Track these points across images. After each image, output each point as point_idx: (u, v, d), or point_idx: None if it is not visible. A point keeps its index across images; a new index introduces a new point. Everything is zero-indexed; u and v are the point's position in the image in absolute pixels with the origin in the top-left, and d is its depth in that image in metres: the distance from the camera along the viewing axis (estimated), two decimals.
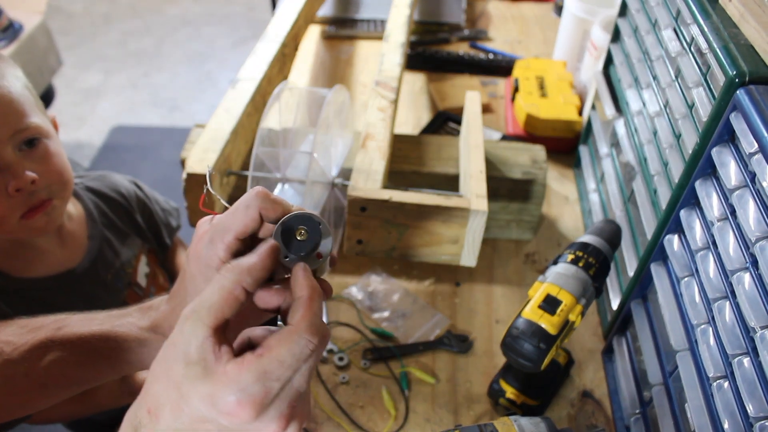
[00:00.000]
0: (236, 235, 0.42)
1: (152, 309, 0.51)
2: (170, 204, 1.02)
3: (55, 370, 0.50)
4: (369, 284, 0.91)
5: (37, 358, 0.50)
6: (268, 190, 0.43)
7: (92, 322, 0.52)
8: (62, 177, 0.75)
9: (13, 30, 2.09)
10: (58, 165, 0.74)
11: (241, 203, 0.42)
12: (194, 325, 0.36)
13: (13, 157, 0.69)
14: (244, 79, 0.91)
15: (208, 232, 0.44)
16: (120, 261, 0.88)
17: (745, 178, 0.51)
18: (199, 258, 0.44)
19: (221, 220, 0.43)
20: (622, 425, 0.73)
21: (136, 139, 2.63)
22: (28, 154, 0.71)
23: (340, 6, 1.54)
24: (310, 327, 0.37)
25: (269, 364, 0.35)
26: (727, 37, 0.59)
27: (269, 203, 0.42)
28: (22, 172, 0.69)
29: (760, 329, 0.47)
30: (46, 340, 0.51)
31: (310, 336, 0.37)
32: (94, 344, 0.50)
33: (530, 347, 0.62)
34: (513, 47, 1.47)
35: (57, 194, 0.75)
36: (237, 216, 0.42)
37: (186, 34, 3.36)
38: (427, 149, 0.95)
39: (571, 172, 1.12)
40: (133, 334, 0.50)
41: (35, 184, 0.70)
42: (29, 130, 0.70)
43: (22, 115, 0.69)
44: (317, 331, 0.37)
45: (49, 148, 0.73)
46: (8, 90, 0.68)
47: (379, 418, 0.76)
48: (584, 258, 0.68)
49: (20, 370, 0.50)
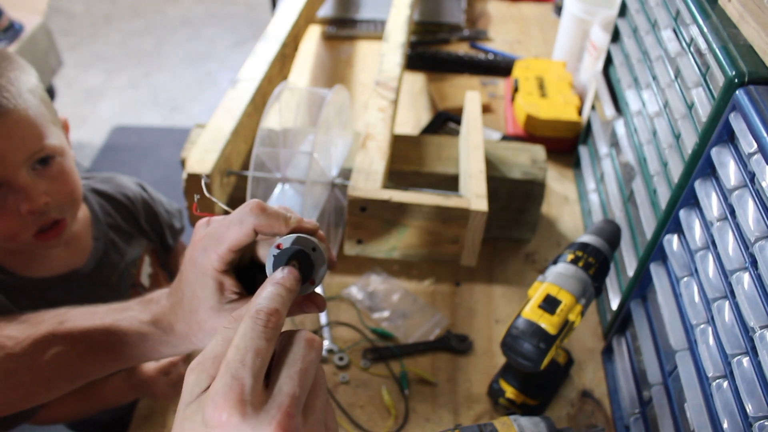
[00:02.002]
0: (229, 248, 0.42)
1: (153, 302, 0.51)
2: (173, 205, 1.02)
3: (57, 364, 0.50)
4: (369, 284, 0.91)
5: (39, 352, 0.50)
6: (264, 204, 0.42)
7: (94, 315, 0.52)
8: (73, 195, 0.75)
9: (13, 30, 2.09)
10: (71, 184, 0.74)
11: (236, 217, 0.42)
12: (199, 377, 0.35)
13: (27, 179, 0.68)
14: (244, 79, 0.91)
15: (203, 240, 0.44)
16: (125, 262, 0.88)
17: (744, 178, 0.51)
18: (195, 264, 0.44)
19: (216, 230, 0.43)
20: (622, 425, 0.73)
21: (136, 139, 2.63)
22: (41, 173, 0.70)
23: (340, 6, 1.54)
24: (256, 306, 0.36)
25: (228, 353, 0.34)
26: (726, 37, 0.59)
27: (264, 219, 0.41)
28: (36, 194, 0.68)
29: (760, 329, 0.47)
30: (48, 334, 0.51)
31: (256, 316, 0.35)
32: (97, 338, 0.50)
33: (530, 347, 0.62)
34: (513, 47, 1.47)
35: (67, 212, 0.75)
36: (231, 230, 0.42)
37: (186, 34, 3.36)
38: (427, 149, 0.95)
39: (571, 172, 1.12)
40: (135, 328, 0.50)
41: (47, 205, 0.70)
42: (44, 150, 0.69)
43: (39, 138, 0.68)
44: (263, 310, 0.35)
45: (63, 166, 0.72)
46: (26, 111, 0.67)
47: (379, 418, 0.76)
48: (584, 258, 0.68)
49: (23, 364, 0.50)
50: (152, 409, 0.78)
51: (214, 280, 0.44)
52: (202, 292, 0.44)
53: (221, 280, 0.44)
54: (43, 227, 0.72)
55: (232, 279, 0.44)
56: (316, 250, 0.42)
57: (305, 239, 0.42)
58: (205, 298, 0.44)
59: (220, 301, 0.44)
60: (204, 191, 0.50)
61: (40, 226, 0.72)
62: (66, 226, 0.75)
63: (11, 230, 0.70)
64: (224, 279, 0.44)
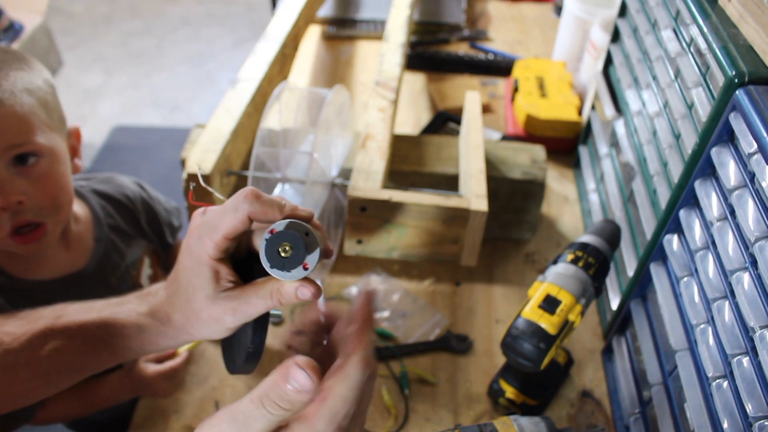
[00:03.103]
0: (224, 236, 0.42)
1: (151, 295, 0.51)
2: (171, 204, 1.02)
3: (55, 359, 0.50)
4: (369, 284, 0.91)
5: (37, 347, 0.50)
6: (258, 191, 0.42)
7: (91, 310, 0.52)
8: (55, 201, 0.72)
9: (13, 30, 2.10)
10: (53, 188, 0.72)
11: (230, 205, 0.42)
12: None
13: (3, 174, 0.67)
14: (244, 79, 0.91)
15: (198, 228, 0.44)
16: (125, 263, 0.88)
17: (744, 178, 0.51)
18: (191, 252, 0.44)
19: (211, 218, 0.43)
20: (622, 425, 0.73)
21: (136, 139, 2.63)
22: (22, 171, 0.69)
23: (340, 6, 1.54)
24: (363, 359, 0.39)
25: (335, 405, 0.37)
26: (726, 37, 0.59)
27: (258, 206, 0.41)
28: (9, 190, 0.67)
29: (760, 329, 0.47)
30: (45, 329, 0.51)
31: (364, 368, 0.38)
32: (94, 331, 0.50)
33: (530, 347, 0.62)
34: (513, 47, 1.47)
35: (48, 216, 0.72)
36: (225, 217, 0.42)
37: (186, 34, 3.36)
38: (427, 149, 0.95)
39: (571, 172, 1.12)
40: (132, 320, 0.50)
41: (22, 204, 0.68)
42: (25, 146, 0.68)
43: (24, 133, 0.67)
44: (369, 363, 0.39)
45: (49, 169, 0.71)
46: (12, 107, 0.66)
47: (379, 417, 0.76)
48: (584, 258, 0.68)
49: (21, 359, 0.50)
50: (152, 409, 0.78)
51: (210, 268, 0.44)
52: (198, 280, 0.44)
53: (217, 268, 0.44)
54: (18, 228, 0.70)
55: (227, 267, 0.44)
56: (309, 234, 0.42)
57: (298, 224, 0.42)
58: (201, 287, 0.44)
59: (215, 290, 0.44)
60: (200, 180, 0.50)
61: (14, 226, 0.70)
62: (46, 232, 0.73)
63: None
64: (220, 267, 0.44)
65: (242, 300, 0.43)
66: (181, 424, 0.75)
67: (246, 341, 0.46)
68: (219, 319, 0.44)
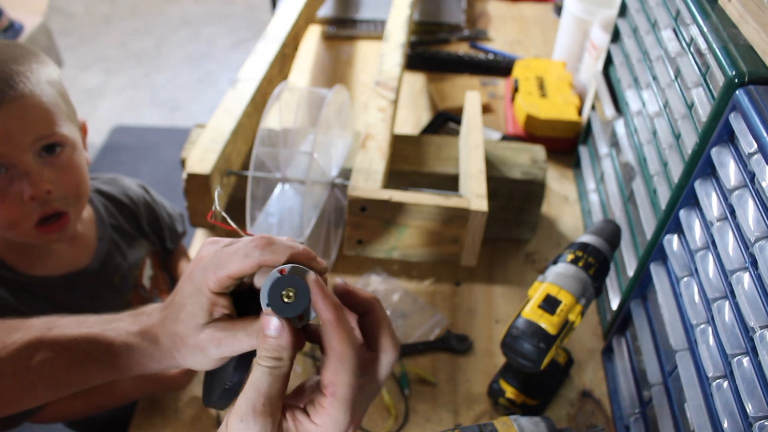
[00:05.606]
0: (229, 275, 0.43)
1: (144, 315, 0.51)
2: (176, 210, 1.02)
3: (43, 371, 0.50)
4: (369, 284, 0.91)
5: (26, 358, 0.50)
6: (272, 238, 0.43)
7: (83, 324, 0.51)
8: (79, 190, 0.75)
9: (13, 30, 2.10)
10: (77, 177, 0.74)
11: (242, 249, 0.43)
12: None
13: (32, 165, 0.69)
14: (244, 79, 0.91)
15: (205, 260, 0.44)
16: (127, 263, 0.88)
17: (744, 178, 0.51)
18: (192, 280, 0.45)
19: (220, 255, 0.44)
20: (622, 425, 0.73)
21: (136, 139, 2.63)
22: (48, 161, 0.71)
23: (340, 6, 1.54)
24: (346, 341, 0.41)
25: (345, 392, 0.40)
26: (726, 37, 0.59)
27: (269, 255, 0.42)
28: (39, 180, 0.69)
29: (760, 329, 0.47)
30: (35, 340, 0.50)
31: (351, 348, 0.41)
32: (84, 346, 0.50)
33: (530, 347, 0.62)
34: (513, 47, 1.47)
35: (71, 206, 0.75)
36: (234, 259, 0.42)
37: (186, 34, 3.36)
38: (427, 149, 0.95)
39: (571, 172, 1.12)
40: (121, 339, 0.50)
41: (50, 194, 0.70)
42: (53, 137, 0.70)
43: (50, 124, 0.69)
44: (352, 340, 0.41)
45: (72, 159, 0.73)
46: (40, 98, 0.68)
47: (379, 417, 0.76)
48: (584, 258, 0.68)
49: (8, 369, 0.50)
50: (152, 409, 0.78)
51: (207, 299, 0.44)
52: (192, 307, 0.45)
53: (214, 300, 0.44)
54: (45, 217, 0.72)
55: (225, 300, 0.45)
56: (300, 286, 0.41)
57: (307, 271, 0.42)
58: (194, 314, 0.45)
59: (207, 319, 0.44)
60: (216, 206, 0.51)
61: (42, 215, 0.71)
62: (69, 221, 0.74)
63: (13, 217, 0.70)
64: (217, 299, 0.44)
65: (229, 333, 0.44)
66: (181, 424, 0.75)
67: (225, 377, 0.46)
68: (204, 348, 0.44)
